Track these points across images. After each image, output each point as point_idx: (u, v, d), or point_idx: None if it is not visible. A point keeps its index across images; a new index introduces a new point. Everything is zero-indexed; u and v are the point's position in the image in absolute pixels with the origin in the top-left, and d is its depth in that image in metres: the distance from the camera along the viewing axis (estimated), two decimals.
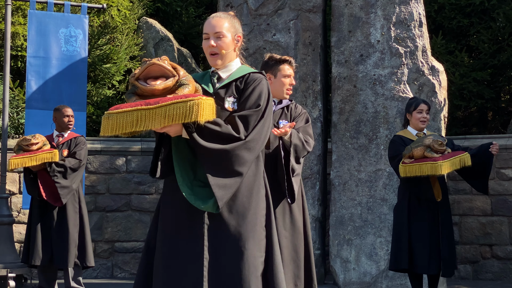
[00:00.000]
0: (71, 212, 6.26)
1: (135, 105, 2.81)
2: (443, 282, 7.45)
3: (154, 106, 2.79)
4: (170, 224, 3.01)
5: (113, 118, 2.80)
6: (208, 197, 2.91)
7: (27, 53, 8.22)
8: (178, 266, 2.94)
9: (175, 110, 2.78)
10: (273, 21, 8.11)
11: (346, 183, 7.69)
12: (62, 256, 6.16)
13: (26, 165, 6.12)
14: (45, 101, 8.09)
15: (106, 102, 9.92)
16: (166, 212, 3.05)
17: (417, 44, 7.71)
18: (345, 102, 7.80)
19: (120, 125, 2.79)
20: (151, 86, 2.88)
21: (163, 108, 2.79)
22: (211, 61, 3.16)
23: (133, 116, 2.78)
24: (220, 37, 3.12)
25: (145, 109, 2.78)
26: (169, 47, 10.58)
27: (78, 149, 6.38)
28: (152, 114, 2.78)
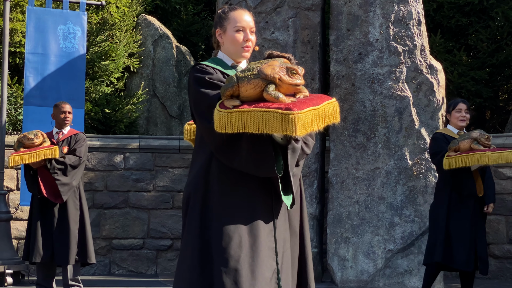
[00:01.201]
0: (72, 209, 6.26)
1: (306, 104, 2.76)
2: (440, 280, 7.47)
3: (319, 106, 2.78)
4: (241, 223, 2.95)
5: (303, 117, 2.71)
6: (284, 192, 2.97)
7: (26, 49, 8.22)
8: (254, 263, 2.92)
9: (330, 111, 2.82)
10: (272, 19, 8.12)
11: (344, 182, 7.70)
12: (63, 253, 6.16)
13: (26, 162, 6.11)
14: (43, 98, 8.09)
15: (104, 99, 9.92)
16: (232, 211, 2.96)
17: (416, 42, 7.72)
18: (344, 100, 7.80)
19: (306, 125, 2.72)
20: (300, 85, 2.85)
21: (323, 108, 2.80)
22: (241, 54, 3.16)
23: (311, 115, 2.74)
24: (252, 31, 3.18)
25: (315, 109, 2.77)
26: (167, 45, 10.58)
27: (78, 146, 6.36)
28: (318, 114, 2.77)
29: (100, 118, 9.82)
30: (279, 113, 2.69)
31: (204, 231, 2.98)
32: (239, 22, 3.15)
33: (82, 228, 6.30)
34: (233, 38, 3.14)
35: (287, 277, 3.04)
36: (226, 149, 2.91)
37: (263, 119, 2.71)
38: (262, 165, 2.88)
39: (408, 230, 7.50)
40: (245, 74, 2.82)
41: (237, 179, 2.96)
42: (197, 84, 3.01)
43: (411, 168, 7.56)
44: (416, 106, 7.66)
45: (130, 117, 10.03)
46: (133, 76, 10.53)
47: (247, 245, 2.91)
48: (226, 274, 2.88)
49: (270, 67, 2.80)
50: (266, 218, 2.98)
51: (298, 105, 2.73)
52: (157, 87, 10.51)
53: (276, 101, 2.75)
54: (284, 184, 2.96)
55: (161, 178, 9.23)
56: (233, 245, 2.90)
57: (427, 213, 7.48)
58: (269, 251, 2.95)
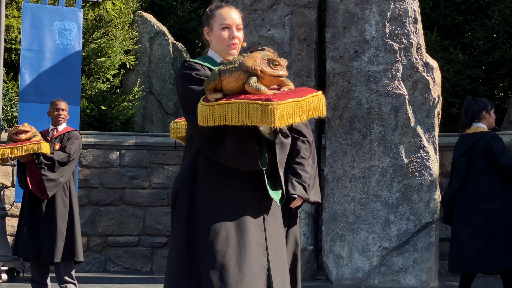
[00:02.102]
0: (60, 206, 6.22)
1: (287, 96, 2.74)
2: (435, 278, 7.48)
3: (302, 98, 2.76)
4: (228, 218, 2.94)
5: (283, 108, 2.69)
6: (273, 187, 2.97)
7: (21, 46, 8.20)
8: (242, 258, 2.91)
9: (314, 103, 2.78)
10: (268, 17, 8.10)
11: (339, 179, 7.70)
12: (49, 250, 6.13)
13: (12, 155, 6.09)
14: (38, 95, 8.07)
15: (100, 96, 9.90)
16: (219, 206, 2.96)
17: (412, 40, 7.71)
18: (339, 98, 7.80)
19: (286, 117, 2.70)
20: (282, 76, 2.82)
21: (307, 100, 2.77)
22: (228, 51, 3.15)
23: (292, 107, 2.71)
24: (239, 29, 3.16)
25: (297, 101, 2.74)
26: (164, 42, 10.56)
27: (69, 143, 6.34)
28: (301, 107, 2.74)
29: (96, 115, 9.80)
30: (258, 104, 2.68)
31: (191, 227, 2.98)
32: (224, 19, 3.14)
33: (71, 226, 6.26)
34: (219, 36, 3.13)
35: (282, 275, 3.02)
36: (212, 143, 2.90)
37: (243, 110, 2.70)
38: (246, 159, 2.87)
39: (403, 227, 7.50)
40: (227, 67, 2.82)
41: (224, 174, 2.95)
42: (184, 80, 3.02)
43: (407, 166, 7.56)
44: (412, 104, 7.65)
45: (126, 114, 10.02)
46: (129, 73, 10.51)
47: (234, 241, 2.90)
48: (213, 270, 2.86)
49: (252, 59, 2.78)
50: (254, 213, 2.97)
51: (278, 96, 2.72)
52: (153, 84, 10.50)
53: (258, 93, 2.74)
54: (273, 180, 2.96)
55: (157, 175, 9.22)
56: (219, 240, 2.89)
57: (422, 210, 7.49)
58: (258, 247, 2.93)
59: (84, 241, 8.86)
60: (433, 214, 7.49)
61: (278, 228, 3.08)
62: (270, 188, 2.93)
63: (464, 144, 6.00)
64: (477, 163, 5.87)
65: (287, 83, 2.86)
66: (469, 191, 5.86)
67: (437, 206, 7.54)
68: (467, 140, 5.99)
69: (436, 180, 7.56)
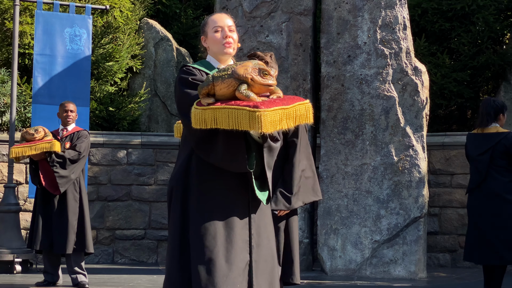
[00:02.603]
0: (71, 201, 6.24)
1: (275, 104, 2.73)
2: (423, 269, 7.48)
3: (289, 106, 2.75)
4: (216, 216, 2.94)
5: (270, 115, 2.68)
6: (261, 188, 2.96)
7: (34, 51, 8.19)
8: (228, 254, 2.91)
9: (301, 111, 2.77)
10: (266, 23, 8.11)
11: (333, 176, 7.70)
12: (61, 242, 6.15)
13: (26, 154, 6.10)
14: (50, 97, 8.06)
15: (109, 98, 9.90)
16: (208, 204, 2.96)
17: (402, 46, 7.72)
18: (333, 100, 7.80)
19: (274, 123, 2.70)
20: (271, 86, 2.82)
21: (294, 108, 2.76)
22: (226, 50, 3.13)
23: (279, 114, 2.71)
24: (232, 30, 3.15)
25: (284, 109, 2.73)
26: (168, 47, 10.55)
27: (79, 142, 6.36)
28: (288, 114, 2.74)
29: (104, 116, 9.79)
30: (247, 111, 2.69)
31: (184, 224, 2.99)
32: (216, 23, 3.15)
33: (81, 220, 6.28)
34: (213, 38, 3.13)
35: (268, 270, 3.01)
36: (204, 145, 2.91)
37: (233, 116, 2.71)
38: (234, 161, 2.88)
39: (393, 222, 7.50)
40: (220, 74, 2.83)
41: (215, 174, 2.96)
42: (181, 84, 3.02)
43: (397, 164, 7.56)
44: (402, 105, 7.66)
45: (133, 115, 10.01)
46: (136, 76, 10.51)
47: (222, 237, 2.90)
48: (201, 264, 2.88)
49: (243, 67, 2.79)
50: (242, 212, 2.97)
51: (266, 103, 2.73)
52: (158, 87, 10.49)
53: (247, 100, 2.75)
54: (261, 181, 2.96)
55: (162, 173, 9.22)
56: (208, 236, 2.90)
57: (411, 206, 7.49)
58: (243, 244, 2.93)
59: (93, 234, 8.85)
60: (422, 209, 7.50)
61: (267, 225, 3.07)
62: (257, 189, 2.94)
63: (484, 142, 5.95)
64: (498, 161, 5.86)
65: (277, 91, 2.86)
66: (490, 187, 5.87)
67: (425, 201, 7.54)
68: (487, 138, 5.94)
69: (424, 177, 7.57)
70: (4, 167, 8.55)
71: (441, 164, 8.94)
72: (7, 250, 7.49)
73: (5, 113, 8.93)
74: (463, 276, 7.83)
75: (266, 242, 3.02)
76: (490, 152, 5.86)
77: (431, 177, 8.82)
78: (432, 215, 8.84)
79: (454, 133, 9.29)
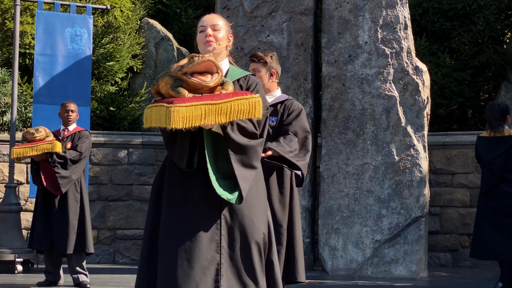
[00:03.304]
0: (71, 201, 6.23)
1: (200, 99, 2.74)
2: (425, 269, 7.48)
3: (221, 101, 2.74)
4: (181, 213, 2.96)
5: (183, 111, 2.68)
6: (231, 189, 2.92)
7: (35, 51, 8.19)
8: (191, 252, 2.90)
9: (240, 106, 2.76)
10: (267, 23, 8.10)
11: (334, 176, 7.69)
12: (62, 242, 6.14)
13: (27, 155, 6.10)
14: (51, 96, 8.06)
15: (109, 98, 9.89)
16: (175, 202, 2.99)
17: (402, 45, 7.71)
18: (334, 99, 7.79)
19: (190, 118, 2.69)
20: (204, 82, 2.81)
21: (229, 103, 2.75)
22: (205, 48, 3.13)
23: (201, 110, 2.70)
24: (216, 29, 3.14)
25: (212, 104, 2.72)
26: (169, 47, 10.55)
27: (80, 142, 6.35)
28: (219, 109, 2.73)
29: (105, 116, 9.79)
30: (164, 107, 2.71)
31: (155, 222, 3.04)
32: (201, 23, 3.17)
33: (82, 220, 6.27)
34: (198, 38, 3.17)
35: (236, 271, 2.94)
36: (169, 145, 2.96)
37: (157, 113, 2.73)
38: (181, 160, 2.91)
39: (394, 221, 7.50)
40: (163, 73, 2.86)
41: (183, 173, 2.96)
42: None
43: (398, 163, 7.56)
44: (403, 105, 7.65)
45: (134, 114, 10.01)
46: (136, 76, 10.51)
47: (186, 236, 2.91)
48: (164, 262, 2.91)
49: (179, 64, 2.80)
50: (210, 211, 2.95)
51: (187, 99, 2.72)
52: None
53: (176, 96, 2.76)
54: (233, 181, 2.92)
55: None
56: (171, 235, 2.92)
57: (412, 205, 7.49)
58: (211, 243, 2.91)
59: (94, 234, 8.86)
60: (423, 208, 7.49)
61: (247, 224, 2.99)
62: (224, 188, 2.90)
63: (498, 145, 6.10)
64: (511, 163, 6.05)
65: (226, 86, 2.86)
66: (505, 188, 6.04)
67: (426, 201, 7.53)
68: (501, 142, 6.08)
69: (425, 176, 7.56)
70: (5, 167, 8.55)
71: (442, 163, 8.93)
72: (8, 250, 7.48)
73: (6, 113, 8.92)
74: (465, 275, 7.83)
75: (243, 241, 2.96)
76: (504, 155, 5.97)
77: (432, 177, 8.81)
78: (433, 215, 8.83)
79: (455, 133, 9.29)
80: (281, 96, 4.53)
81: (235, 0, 8.15)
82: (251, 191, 3.00)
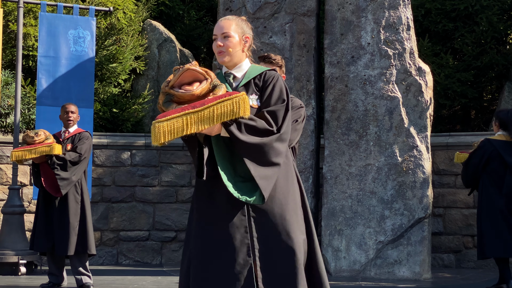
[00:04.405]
0: (72, 203, 6.24)
1: (182, 110, 2.73)
2: (428, 270, 7.47)
3: (202, 108, 2.73)
4: (208, 220, 2.96)
5: (163, 126, 2.69)
6: (252, 190, 2.90)
7: (38, 53, 8.20)
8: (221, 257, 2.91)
9: (223, 108, 2.75)
10: (270, 24, 8.10)
11: (337, 177, 7.69)
12: (63, 244, 6.14)
13: (26, 157, 6.12)
14: (54, 98, 8.07)
15: (112, 100, 9.91)
16: (202, 208, 3.01)
17: (405, 46, 7.71)
18: (337, 100, 7.79)
19: (172, 132, 2.70)
20: (188, 91, 2.82)
21: (211, 108, 2.74)
22: (218, 59, 3.16)
23: (182, 121, 2.71)
24: (227, 37, 3.12)
25: (193, 112, 2.72)
26: (171, 48, 10.56)
27: (80, 144, 6.36)
28: (201, 116, 2.73)
29: (108, 117, 9.80)
30: (153, 123, 2.76)
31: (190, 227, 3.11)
32: (214, 31, 3.17)
33: (83, 221, 6.27)
34: (213, 47, 3.17)
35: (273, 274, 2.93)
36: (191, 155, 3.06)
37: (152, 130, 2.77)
38: (195, 169, 2.98)
39: (398, 222, 7.49)
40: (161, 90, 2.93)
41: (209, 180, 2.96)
42: None
43: (401, 164, 7.55)
44: (406, 106, 7.65)
45: (137, 116, 10.02)
46: (139, 77, 10.52)
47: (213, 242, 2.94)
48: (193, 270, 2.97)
49: (167, 80, 2.85)
50: (239, 215, 2.94)
51: (168, 113, 2.75)
52: None
53: (164, 112, 2.81)
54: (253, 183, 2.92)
55: (166, 174, 9.22)
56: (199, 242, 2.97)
57: (416, 206, 7.48)
58: (241, 247, 2.91)
59: (98, 236, 8.86)
60: (426, 209, 7.48)
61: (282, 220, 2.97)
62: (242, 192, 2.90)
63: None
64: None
65: (216, 91, 2.87)
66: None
67: (429, 202, 7.53)
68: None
69: (429, 177, 7.55)
70: (9, 168, 8.56)
71: (445, 164, 8.92)
72: (12, 252, 7.49)
73: (9, 115, 8.94)
74: (468, 276, 7.82)
75: (278, 241, 2.94)
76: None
77: (435, 178, 8.80)
78: (436, 216, 8.82)
79: (458, 133, 9.28)
80: None
81: (237, 2, 8.16)
82: (280, 187, 2.98)
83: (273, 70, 3.19)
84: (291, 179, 3.07)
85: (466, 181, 6.70)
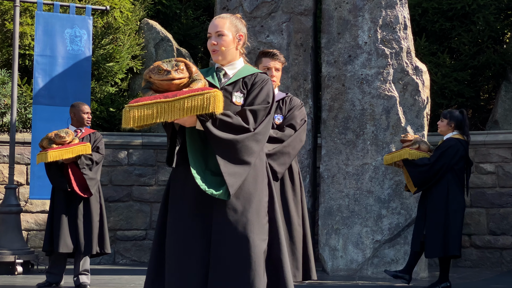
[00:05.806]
0: (94, 202, 6.29)
1: (154, 98, 2.81)
2: (425, 268, 7.47)
3: (173, 98, 2.80)
4: (180, 208, 3.02)
5: (134, 111, 2.78)
6: (220, 185, 2.93)
7: (35, 52, 8.19)
8: (187, 245, 2.97)
9: (193, 102, 2.81)
10: (267, 23, 8.10)
11: (334, 176, 7.69)
12: (88, 243, 6.18)
13: (63, 158, 6.11)
14: (51, 97, 8.06)
15: (109, 99, 9.90)
16: (175, 197, 3.06)
17: (402, 45, 7.71)
18: (334, 100, 7.79)
19: (141, 118, 2.78)
20: (167, 80, 2.88)
21: (182, 100, 2.80)
22: (213, 57, 3.21)
23: (153, 108, 2.78)
24: (221, 35, 3.16)
25: (164, 102, 2.79)
26: (168, 47, 10.55)
27: (100, 144, 6.46)
28: (171, 107, 2.79)
29: (105, 117, 9.79)
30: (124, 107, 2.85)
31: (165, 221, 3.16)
32: (209, 29, 3.22)
33: (101, 220, 6.33)
34: (207, 45, 3.23)
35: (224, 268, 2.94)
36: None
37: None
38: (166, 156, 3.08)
39: (394, 221, 7.49)
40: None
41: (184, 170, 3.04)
42: None
43: None
44: (403, 105, 7.65)
45: None
46: (136, 77, 10.51)
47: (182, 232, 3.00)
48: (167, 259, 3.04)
49: (149, 68, 2.92)
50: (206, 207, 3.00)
51: (140, 99, 2.84)
52: None
53: (138, 98, 2.90)
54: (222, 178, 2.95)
55: (163, 173, 9.22)
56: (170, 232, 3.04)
57: (412, 205, 7.48)
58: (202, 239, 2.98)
59: None
60: None
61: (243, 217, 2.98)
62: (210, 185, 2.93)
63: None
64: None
65: (193, 84, 2.92)
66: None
67: None
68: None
69: None
70: (5, 168, 8.55)
71: None
72: (8, 251, 7.48)
73: (6, 114, 8.92)
74: (465, 275, 7.83)
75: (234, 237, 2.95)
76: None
77: None
78: None
79: None
80: (279, 93, 4.58)
81: (234, 1, 8.15)
82: (246, 186, 3.00)
83: (265, 73, 3.24)
84: (260, 180, 3.09)
85: (425, 178, 6.37)
